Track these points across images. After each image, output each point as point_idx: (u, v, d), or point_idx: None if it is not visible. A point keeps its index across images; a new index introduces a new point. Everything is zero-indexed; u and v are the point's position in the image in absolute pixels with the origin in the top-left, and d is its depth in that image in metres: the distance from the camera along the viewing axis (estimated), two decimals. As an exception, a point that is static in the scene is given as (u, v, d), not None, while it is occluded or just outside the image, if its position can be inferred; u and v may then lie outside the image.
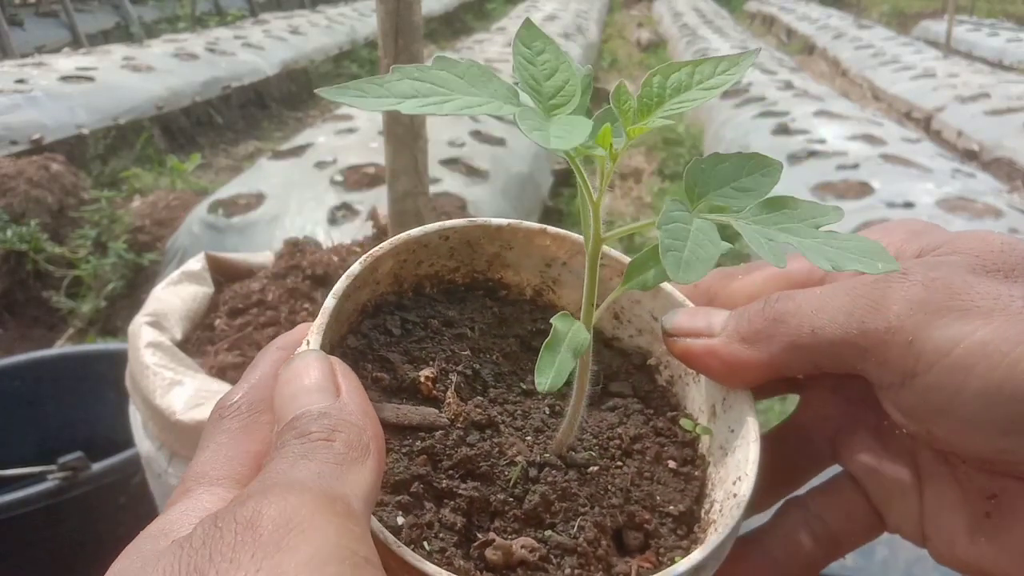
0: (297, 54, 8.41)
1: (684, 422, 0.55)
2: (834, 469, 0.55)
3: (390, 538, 0.40)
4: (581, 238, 0.57)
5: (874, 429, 0.51)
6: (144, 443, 1.50)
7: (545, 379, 0.46)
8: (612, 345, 0.61)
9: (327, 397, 0.40)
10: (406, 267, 0.57)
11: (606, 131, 0.43)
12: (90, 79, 5.93)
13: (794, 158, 4.68)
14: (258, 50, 7.97)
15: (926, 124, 6.86)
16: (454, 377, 0.52)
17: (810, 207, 0.47)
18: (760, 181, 0.48)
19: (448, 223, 0.57)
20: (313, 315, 1.66)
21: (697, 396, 0.56)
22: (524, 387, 0.55)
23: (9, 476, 1.96)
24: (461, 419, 0.49)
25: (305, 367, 0.42)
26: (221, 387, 1.41)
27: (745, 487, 0.47)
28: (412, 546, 0.42)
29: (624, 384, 0.58)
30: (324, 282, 1.75)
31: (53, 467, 1.90)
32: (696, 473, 0.53)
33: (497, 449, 0.49)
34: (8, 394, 2.30)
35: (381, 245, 0.55)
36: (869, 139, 4.98)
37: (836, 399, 0.53)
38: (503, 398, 0.53)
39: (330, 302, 0.49)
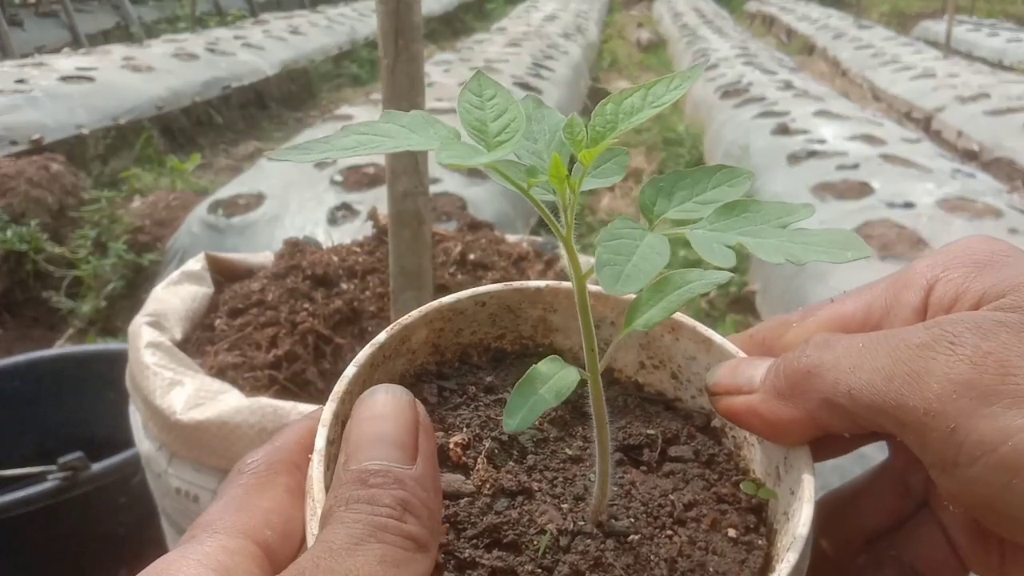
0: (297, 54, 8.41)
1: (745, 485, 0.52)
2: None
3: None
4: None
5: None
6: (144, 443, 1.50)
7: (513, 420, 0.44)
8: (674, 407, 0.58)
9: (404, 459, 0.39)
10: (444, 336, 0.56)
11: (556, 160, 0.43)
12: (90, 79, 5.93)
13: (794, 158, 4.68)
14: (258, 50, 7.97)
15: (926, 124, 6.85)
16: (487, 443, 0.50)
17: (776, 207, 0.44)
18: (727, 192, 0.45)
19: (483, 289, 0.57)
20: (313, 315, 1.66)
21: (762, 458, 0.53)
22: (570, 453, 0.52)
23: (9, 476, 1.96)
24: (488, 486, 0.47)
25: (393, 412, 0.40)
26: (221, 387, 1.41)
27: (792, 555, 0.43)
28: None
29: (685, 448, 0.55)
30: (324, 282, 1.75)
31: (53, 467, 1.90)
32: (759, 542, 0.49)
33: (527, 517, 0.46)
34: (8, 394, 2.30)
35: (411, 314, 0.54)
36: (869, 139, 4.97)
37: None
38: (544, 464, 0.51)
39: (351, 370, 0.48)
